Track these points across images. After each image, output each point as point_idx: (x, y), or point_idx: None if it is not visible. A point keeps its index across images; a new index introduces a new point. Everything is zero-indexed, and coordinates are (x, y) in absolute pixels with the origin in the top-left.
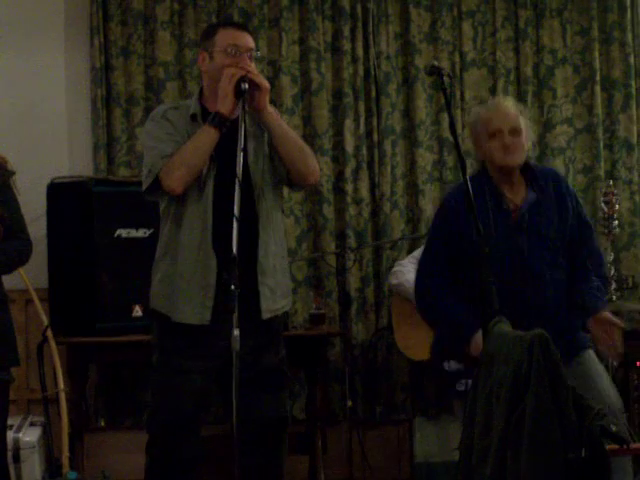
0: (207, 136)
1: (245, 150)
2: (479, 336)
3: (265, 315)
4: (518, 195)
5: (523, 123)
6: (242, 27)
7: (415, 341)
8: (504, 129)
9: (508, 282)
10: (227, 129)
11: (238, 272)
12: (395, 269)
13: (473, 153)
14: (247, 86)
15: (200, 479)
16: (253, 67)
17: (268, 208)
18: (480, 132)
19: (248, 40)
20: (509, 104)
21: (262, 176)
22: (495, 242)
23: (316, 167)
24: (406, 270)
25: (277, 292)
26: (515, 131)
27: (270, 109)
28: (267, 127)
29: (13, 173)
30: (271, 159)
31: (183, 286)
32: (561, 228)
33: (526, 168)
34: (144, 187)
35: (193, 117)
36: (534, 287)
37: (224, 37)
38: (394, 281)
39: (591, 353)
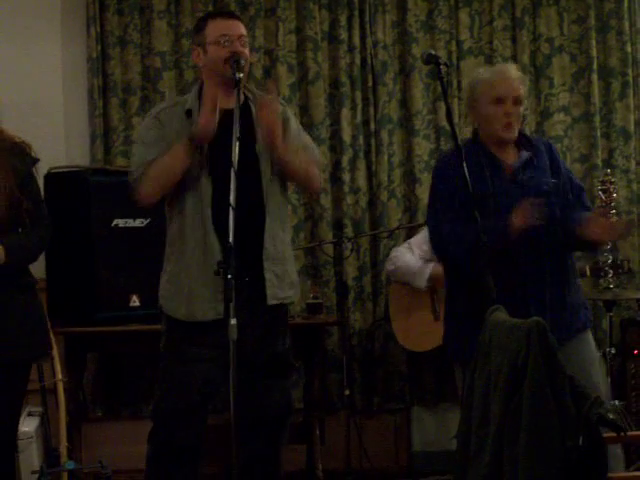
0: (181, 154)
1: (250, 138)
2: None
3: (270, 301)
4: (511, 156)
5: (524, 92)
6: (231, 15)
7: (413, 332)
8: (508, 97)
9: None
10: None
11: (238, 261)
12: (391, 255)
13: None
14: (241, 75)
15: (203, 467)
16: (247, 52)
17: (276, 195)
18: (481, 95)
19: (238, 27)
20: (514, 71)
21: (267, 163)
22: (493, 197)
23: (319, 184)
24: (401, 255)
25: (285, 280)
26: (518, 100)
27: (283, 145)
28: (279, 163)
29: (37, 160)
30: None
31: (192, 285)
32: (556, 183)
33: (519, 134)
34: (132, 189)
35: (188, 113)
36: (530, 238)
37: (214, 28)
38: (390, 267)
39: (589, 335)
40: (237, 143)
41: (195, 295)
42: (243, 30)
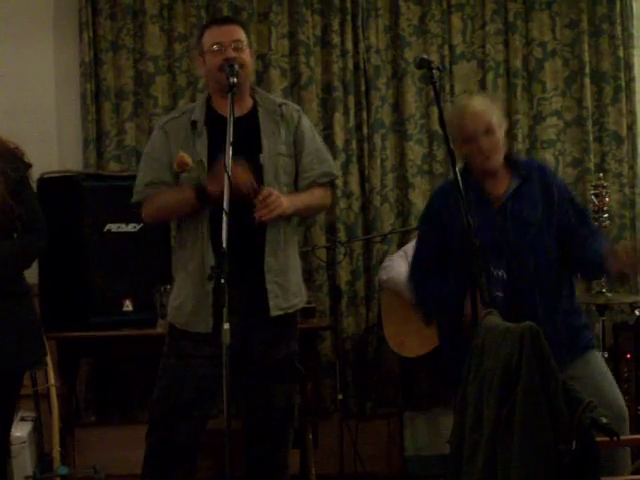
0: (188, 203)
1: (255, 147)
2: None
3: (274, 312)
4: (501, 186)
5: (495, 118)
6: (225, 21)
7: (405, 338)
8: (477, 131)
9: (497, 269)
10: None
11: (239, 271)
12: (385, 264)
13: None
14: (235, 80)
15: (204, 471)
16: (245, 56)
17: None
18: (455, 137)
19: (232, 32)
20: (477, 103)
21: (275, 174)
22: (480, 233)
23: (327, 205)
24: (396, 264)
25: (290, 290)
26: (489, 130)
27: (286, 205)
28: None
29: (30, 166)
30: (296, 163)
31: (187, 296)
32: (547, 213)
33: (509, 159)
34: (132, 200)
35: (193, 124)
36: (520, 272)
37: (208, 37)
38: (384, 276)
39: (597, 354)
40: (230, 148)
41: (189, 307)
42: (238, 34)
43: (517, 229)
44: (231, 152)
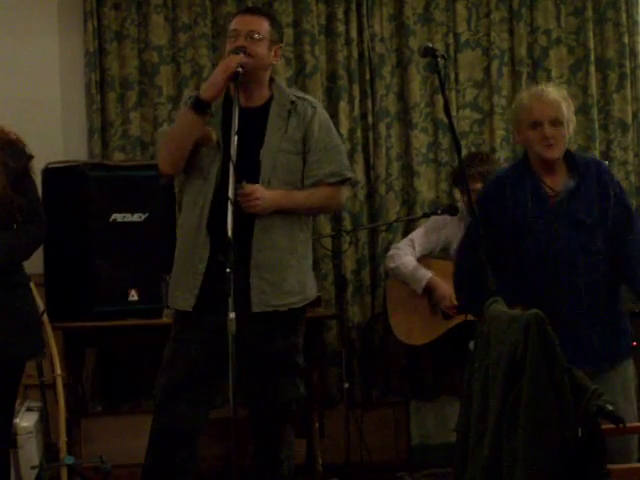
0: (187, 119)
1: (258, 142)
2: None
3: (256, 308)
4: (558, 182)
5: (566, 112)
6: (248, 11)
7: (411, 326)
8: (545, 120)
9: (544, 267)
10: (210, 115)
11: (234, 256)
12: (391, 252)
13: (469, 135)
14: (241, 69)
15: (204, 462)
16: (258, 47)
17: None
18: (521, 120)
19: (249, 22)
20: (551, 93)
21: (273, 169)
22: (532, 227)
23: (338, 206)
24: (402, 253)
25: (284, 288)
26: (556, 122)
27: (266, 205)
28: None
29: (31, 157)
30: (304, 162)
31: (177, 272)
32: (601, 214)
33: (568, 156)
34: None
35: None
36: (568, 272)
37: (231, 25)
38: (391, 264)
39: (630, 364)
40: (235, 137)
41: (177, 283)
42: (256, 25)
43: (569, 229)
44: (236, 140)
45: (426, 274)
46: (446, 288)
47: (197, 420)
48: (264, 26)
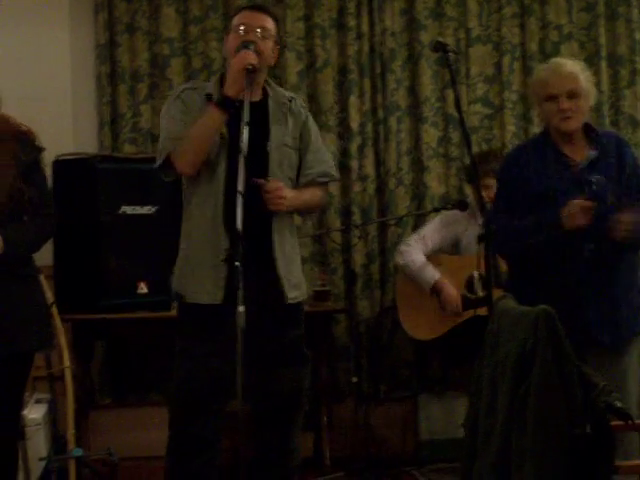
0: (213, 118)
1: (263, 135)
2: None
3: (288, 300)
4: (578, 153)
5: (583, 84)
6: (257, 8)
7: (420, 321)
8: (561, 92)
9: (568, 238)
10: (235, 110)
11: (243, 248)
12: (402, 248)
13: (480, 130)
14: (256, 64)
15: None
16: (266, 45)
17: None
18: (538, 93)
19: (260, 18)
20: (568, 65)
21: (279, 164)
22: (555, 195)
23: (323, 205)
24: (412, 250)
25: (292, 281)
26: (573, 94)
27: (289, 202)
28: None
29: (42, 149)
30: (300, 158)
31: (195, 266)
32: (619, 184)
33: (587, 128)
34: (155, 165)
35: (208, 96)
36: (590, 241)
37: (238, 18)
38: (400, 261)
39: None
40: (247, 129)
41: (197, 278)
42: (267, 23)
43: (592, 199)
44: (247, 133)
45: (433, 276)
46: (452, 291)
47: (217, 424)
48: (272, 25)
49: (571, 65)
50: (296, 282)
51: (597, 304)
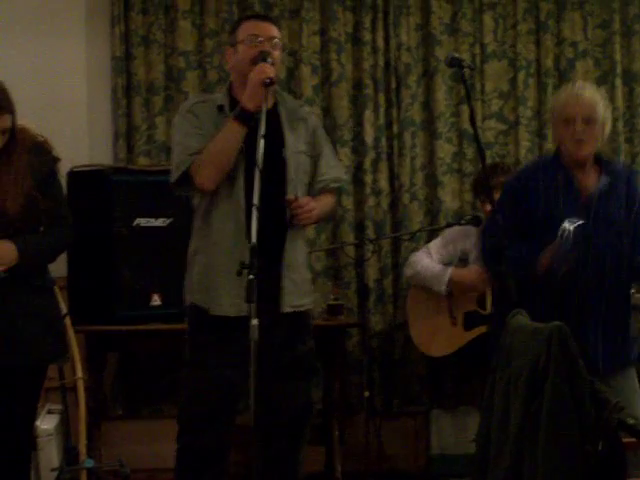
0: (233, 132)
1: (278, 142)
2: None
3: (285, 309)
4: (589, 180)
5: (601, 112)
6: (264, 17)
7: (431, 338)
8: (577, 118)
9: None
10: (255, 123)
11: (259, 262)
12: (410, 260)
13: (494, 145)
14: (273, 76)
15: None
16: (278, 55)
17: None
18: (556, 117)
19: (269, 29)
20: (587, 91)
21: (296, 171)
22: (562, 221)
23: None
24: (419, 259)
25: (303, 288)
26: (589, 120)
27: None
28: None
29: (58, 160)
30: (314, 164)
31: (220, 279)
32: (628, 218)
33: (599, 158)
34: (171, 181)
35: (220, 108)
36: (595, 269)
37: (245, 29)
38: (409, 272)
39: (634, 371)
40: (262, 141)
41: (223, 291)
42: (275, 32)
43: (600, 227)
44: (262, 145)
45: (447, 269)
46: (469, 270)
47: (227, 436)
48: (279, 34)
49: (591, 91)
50: (306, 290)
51: (595, 331)
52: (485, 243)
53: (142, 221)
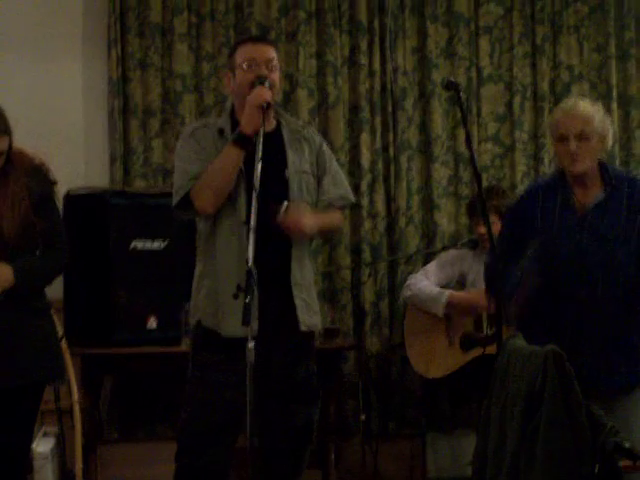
0: (231, 156)
1: (281, 162)
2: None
3: (303, 327)
4: (590, 195)
5: (597, 126)
6: (259, 39)
7: (428, 359)
8: (570, 134)
9: (565, 281)
10: (254, 146)
11: (265, 286)
12: (408, 282)
13: (490, 169)
14: (269, 100)
15: None
16: (276, 77)
17: None
18: (552, 134)
19: (265, 51)
20: (580, 107)
21: (299, 190)
22: (557, 238)
23: (341, 228)
24: (417, 281)
25: (312, 307)
26: (583, 136)
27: (310, 227)
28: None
29: (55, 183)
30: (318, 182)
31: (228, 302)
32: (627, 230)
33: (603, 169)
34: (173, 204)
35: (220, 132)
36: (588, 286)
37: (241, 53)
38: (407, 293)
39: (638, 394)
40: (259, 164)
41: (232, 313)
42: (272, 54)
43: (592, 243)
44: (260, 168)
45: (444, 292)
46: (469, 293)
47: (227, 457)
48: (275, 54)
49: (585, 106)
50: (315, 310)
51: (592, 351)
52: (486, 268)
53: (138, 244)
